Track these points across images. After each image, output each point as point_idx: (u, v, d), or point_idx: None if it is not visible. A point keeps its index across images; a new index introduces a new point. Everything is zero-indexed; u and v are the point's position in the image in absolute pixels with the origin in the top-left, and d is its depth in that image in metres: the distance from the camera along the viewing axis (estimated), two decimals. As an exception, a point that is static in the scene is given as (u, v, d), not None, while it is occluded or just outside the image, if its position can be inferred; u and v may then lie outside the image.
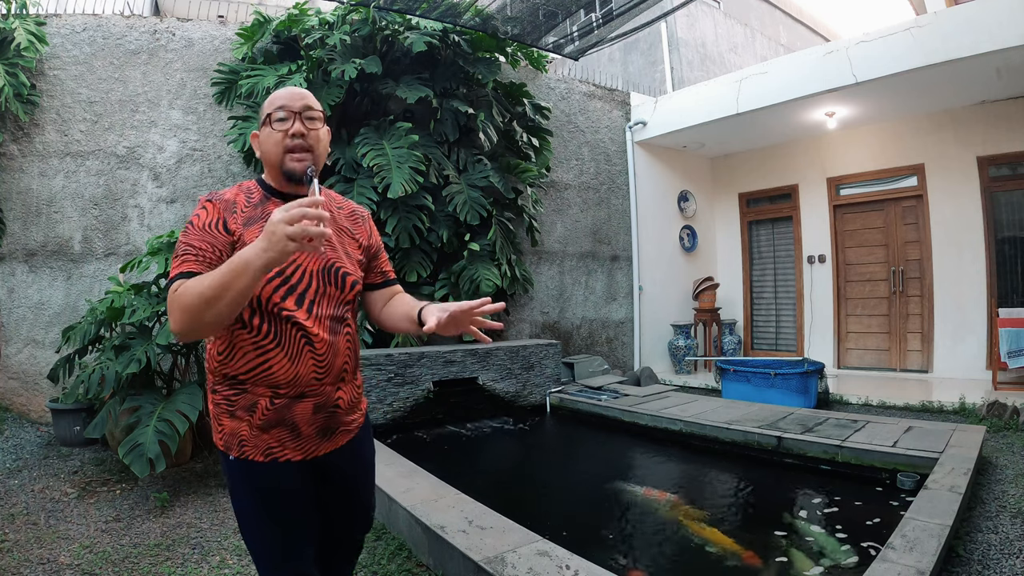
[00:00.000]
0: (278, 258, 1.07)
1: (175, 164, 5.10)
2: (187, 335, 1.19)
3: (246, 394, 1.30)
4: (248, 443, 1.31)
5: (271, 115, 1.33)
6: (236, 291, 1.10)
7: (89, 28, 4.95)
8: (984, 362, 5.87)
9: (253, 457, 1.31)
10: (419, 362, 4.80)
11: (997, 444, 3.81)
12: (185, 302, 1.13)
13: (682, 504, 3.09)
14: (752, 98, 6.21)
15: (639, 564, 2.45)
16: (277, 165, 1.34)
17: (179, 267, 1.22)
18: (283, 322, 1.29)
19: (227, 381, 1.32)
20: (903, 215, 6.70)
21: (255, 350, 1.29)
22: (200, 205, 1.32)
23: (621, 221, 7.39)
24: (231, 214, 1.30)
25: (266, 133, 1.35)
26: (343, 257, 1.40)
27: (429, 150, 5.29)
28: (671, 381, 6.54)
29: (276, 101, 1.34)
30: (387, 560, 2.46)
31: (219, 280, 1.10)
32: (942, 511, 2.35)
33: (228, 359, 1.31)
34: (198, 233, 1.26)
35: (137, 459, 3.06)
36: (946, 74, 5.14)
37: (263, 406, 1.30)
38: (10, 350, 4.71)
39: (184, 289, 1.15)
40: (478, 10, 5.14)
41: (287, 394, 1.31)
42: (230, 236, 1.27)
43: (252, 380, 1.30)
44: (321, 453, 1.38)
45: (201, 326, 1.15)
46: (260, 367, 1.29)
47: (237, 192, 1.36)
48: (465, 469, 3.87)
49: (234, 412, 1.31)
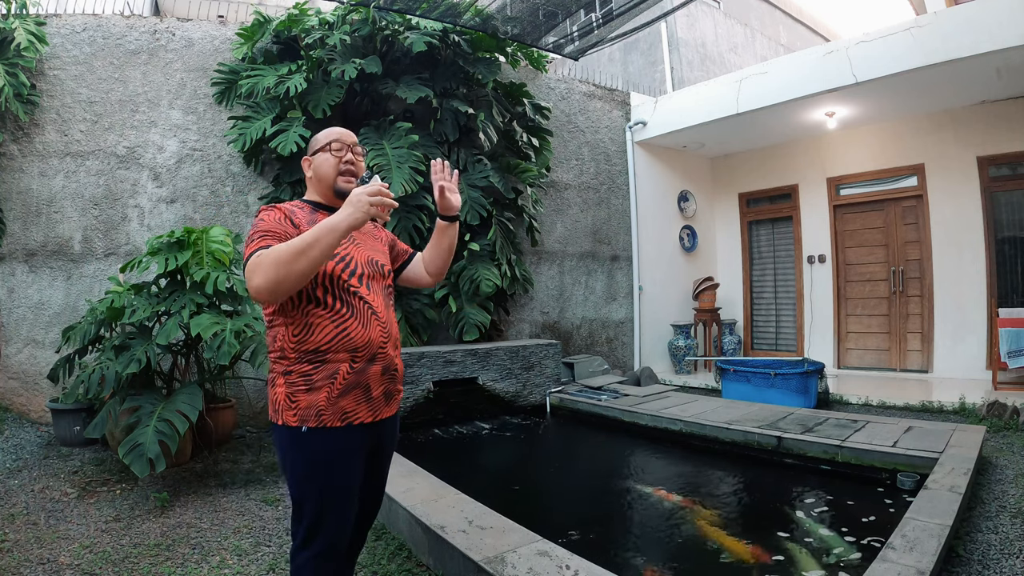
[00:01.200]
0: (362, 220, 1.37)
1: (175, 164, 5.10)
2: (271, 290, 1.34)
3: (327, 364, 1.49)
4: (326, 411, 1.48)
5: (330, 145, 1.65)
6: (322, 247, 1.34)
7: (89, 28, 4.95)
8: (984, 362, 5.87)
9: (331, 424, 1.49)
10: (419, 362, 4.80)
11: (997, 444, 3.81)
12: (275, 258, 1.32)
13: (682, 504, 3.09)
14: (752, 98, 6.21)
15: (639, 564, 2.45)
16: (330, 183, 1.64)
17: (258, 243, 1.41)
18: (352, 296, 1.54)
19: (307, 357, 1.49)
20: (903, 215, 6.70)
21: (332, 323, 1.50)
22: (264, 211, 1.53)
23: (621, 221, 7.39)
24: (293, 215, 1.54)
25: (323, 158, 1.65)
26: (377, 251, 1.72)
27: (429, 150, 5.29)
28: (671, 381, 6.54)
29: (332, 135, 1.67)
30: (387, 560, 2.46)
31: (309, 238, 1.33)
32: (942, 511, 2.35)
33: (307, 336, 1.49)
34: (271, 224, 1.47)
35: (137, 459, 3.06)
36: (946, 74, 5.14)
37: (344, 371, 1.50)
38: (10, 350, 4.71)
39: (271, 250, 1.35)
40: (478, 10, 5.14)
41: (364, 356, 1.54)
42: (296, 228, 1.49)
43: (333, 348, 1.50)
44: (383, 417, 1.60)
45: (286, 279, 1.33)
46: (340, 335, 1.51)
47: (291, 205, 1.60)
48: (465, 469, 3.88)
49: (313, 384, 1.48)
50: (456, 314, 5.40)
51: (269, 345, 1.56)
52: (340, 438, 1.50)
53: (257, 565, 2.45)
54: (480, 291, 5.35)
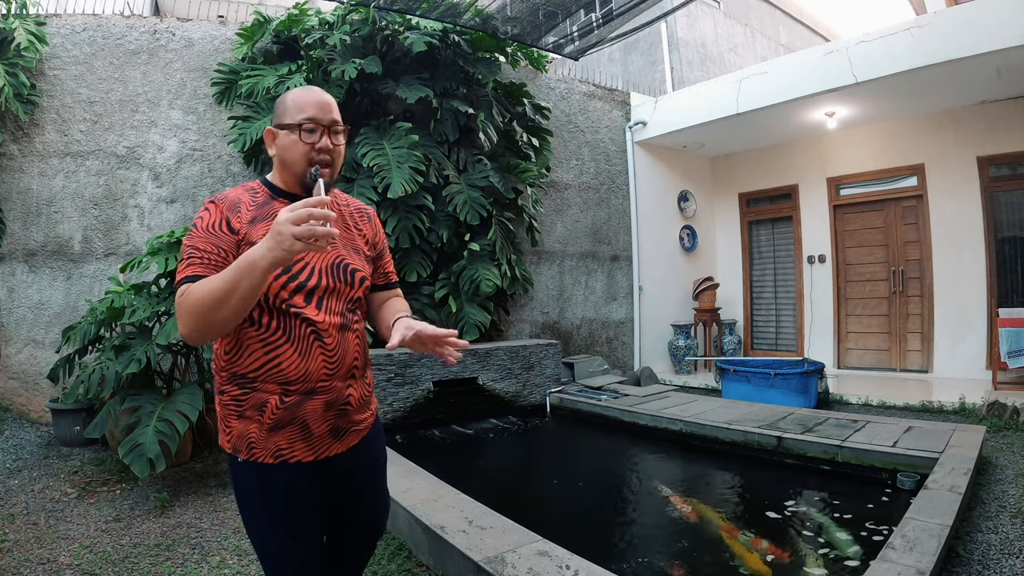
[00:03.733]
0: (285, 257, 1.08)
1: (175, 164, 5.10)
2: (197, 339, 1.18)
3: (255, 393, 1.28)
4: (257, 445, 1.29)
5: (301, 124, 1.30)
6: (243, 291, 1.11)
7: (89, 28, 4.95)
8: (984, 362, 5.87)
9: (263, 459, 1.29)
10: (419, 362, 4.80)
11: (997, 444, 3.81)
12: (193, 306, 1.14)
13: (682, 504, 3.09)
14: (752, 98, 6.21)
15: (640, 563, 2.45)
16: (297, 174, 1.33)
17: (184, 271, 1.21)
18: (291, 318, 1.28)
19: (235, 380, 1.30)
20: (903, 215, 6.70)
21: (263, 347, 1.27)
22: (203, 207, 1.30)
23: (621, 221, 7.39)
24: (235, 213, 1.29)
25: (290, 140, 1.32)
26: (351, 254, 1.40)
27: (429, 150, 5.29)
28: (671, 381, 6.53)
29: (306, 109, 1.31)
30: (387, 560, 2.46)
31: (226, 282, 1.11)
32: (942, 511, 2.35)
33: (236, 357, 1.29)
34: (202, 235, 1.25)
35: (137, 459, 3.06)
36: (946, 74, 5.14)
37: (273, 404, 1.28)
38: (10, 350, 4.71)
39: (191, 292, 1.15)
40: (478, 10, 5.13)
41: (297, 391, 1.29)
42: (235, 235, 1.26)
43: (261, 378, 1.28)
44: (332, 453, 1.36)
45: (211, 328, 1.16)
46: (269, 364, 1.27)
47: (241, 192, 1.35)
48: (465, 469, 3.88)
49: (243, 412, 1.29)
50: (456, 314, 5.40)
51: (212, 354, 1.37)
52: (275, 475, 1.29)
53: (257, 565, 2.45)
54: (480, 291, 5.35)
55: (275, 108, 1.37)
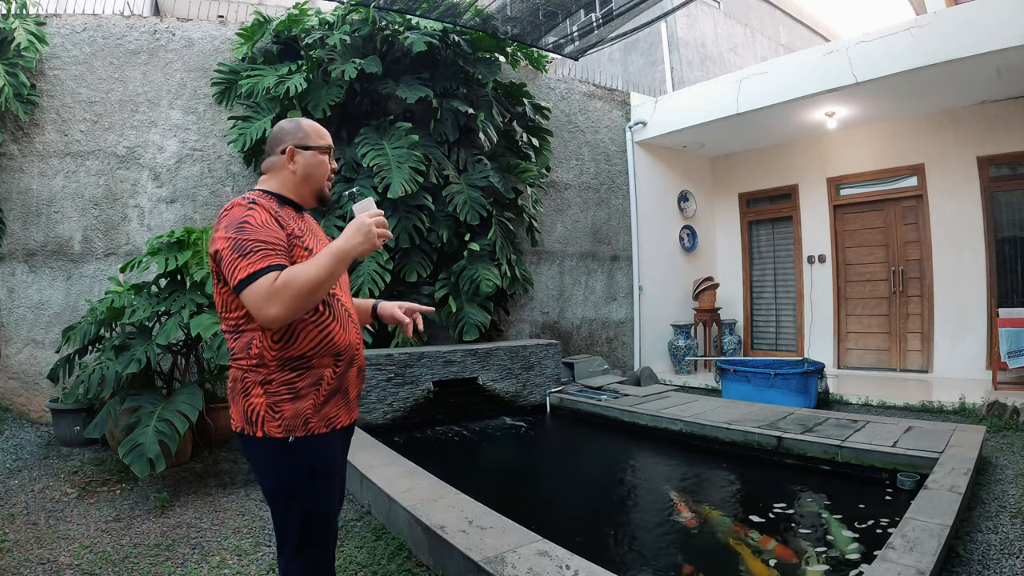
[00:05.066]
0: (370, 250, 1.39)
1: (175, 164, 5.10)
2: (291, 319, 1.34)
3: (311, 371, 1.44)
4: (312, 419, 1.44)
5: (328, 148, 1.60)
6: (336, 276, 1.37)
7: (89, 28, 4.95)
8: (984, 362, 5.87)
9: (318, 431, 1.45)
10: (419, 362, 4.80)
11: (997, 444, 3.81)
12: (298, 289, 1.31)
13: (682, 503, 3.09)
14: (752, 98, 6.21)
15: (640, 563, 2.45)
16: (318, 187, 1.59)
17: (263, 261, 1.33)
18: (334, 301, 1.52)
19: (290, 364, 1.42)
20: (903, 215, 6.70)
21: (317, 327, 1.46)
22: (243, 208, 1.40)
23: (621, 221, 7.39)
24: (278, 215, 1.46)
25: (318, 160, 1.57)
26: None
27: (429, 150, 5.29)
28: (671, 381, 6.53)
29: (325, 138, 1.61)
30: (387, 560, 2.46)
31: (327, 267, 1.34)
32: (942, 511, 2.35)
33: (290, 342, 1.42)
34: (263, 230, 1.38)
35: (137, 459, 3.06)
36: (946, 74, 5.14)
37: (328, 376, 1.47)
38: (10, 350, 4.71)
39: (290, 278, 1.31)
40: (478, 10, 5.13)
41: (345, 360, 1.51)
42: (284, 230, 1.43)
43: (318, 353, 1.45)
44: (356, 416, 1.60)
45: (305, 308, 1.35)
46: (324, 340, 1.46)
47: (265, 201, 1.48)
48: (465, 469, 3.87)
49: (298, 393, 1.42)
50: (456, 314, 5.40)
51: (238, 352, 1.43)
52: (327, 444, 1.47)
53: (257, 565, 2.45)
54: (480, 291, 5.35)
55: (289, 132, 1.57)
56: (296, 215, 1.55)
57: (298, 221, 1.52)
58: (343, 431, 1.54)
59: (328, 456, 1.49)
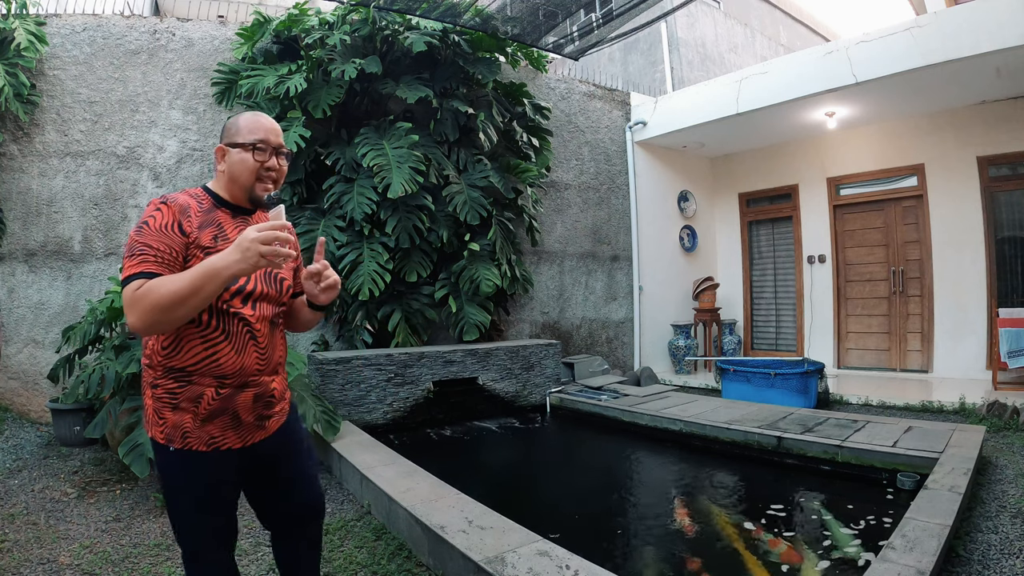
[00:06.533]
0: (248, 270, 1.23)
1: (175, 164, 5.10)
2: (148, 331, 1.28)
3: (191, 386, 1.38)
4: (191, 434, 1.39)
5: (254, 144, 1.45)
6: (205, 294, 1.24)
7: (89, 28, 4.95)
8: (984, 362, 5.87)
9: (196, 447, 1.39)
10: (419, 362, 4.80)
11: (997, 444, 3.81)
12: (154, 302, 1.22)
13: (683, 503, 3.09)
14: (752, 98, 6.21)
15: (640, 562, 2.45)
16: (246, 187, 1.47)
17: (138, 266, 1.28)
18: (231, 317, 1.40)
19: (172, 374, 1.38)
20: (903, 215, 6.70)
21: (203, 343, 1.38)
22: (154, 207, 1.36)
23: (621, 221, 7.39)
24: (186, 217, 1.37)
25: (241, 158, 1.46)
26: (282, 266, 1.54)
27: (429, 150, 5.29)
28: (671, 381, 6.53)
29: (257, 131, 1.46)
30: (387, 560, 2.46)
31: (189, 284, 1.22)
32: (942, 511, 2.35)
33: (174, 352, 1.37)
34: (155, 235, 1.32)
35: (137, 459, 3.06)
36: (946, 74, 5.14)
37: (208, 397, 1.39)
38: (10, 350, 4.71)
39: (151, 288, 1.23)
40: (478, 10, 5.13)
41: (232, 384, 1.42)
42: (185, 238, 1.35)
43: (199, 372, 1.38)
44: (256, 440, 1.50)
45: (165, 324, 1.25)
46: (208, 359, 1.38)
47: (188, 197, 1.43)
48: (465, 469, 3.87)
49: (178, 404, 1.38)
50: (456, 314, 5.40)
51: (144, 349, 1.44)
52: (207, 462, 1.41)
53: (257, 565, 2.45)
54: (480, 291, 5.35)
55: (226, 129, 1.50)
56: (233, 218, 1.47)
57: (227, 226, 1.44)
58: (235, 453, 1.45)
59: (207, 478, 1.42)
